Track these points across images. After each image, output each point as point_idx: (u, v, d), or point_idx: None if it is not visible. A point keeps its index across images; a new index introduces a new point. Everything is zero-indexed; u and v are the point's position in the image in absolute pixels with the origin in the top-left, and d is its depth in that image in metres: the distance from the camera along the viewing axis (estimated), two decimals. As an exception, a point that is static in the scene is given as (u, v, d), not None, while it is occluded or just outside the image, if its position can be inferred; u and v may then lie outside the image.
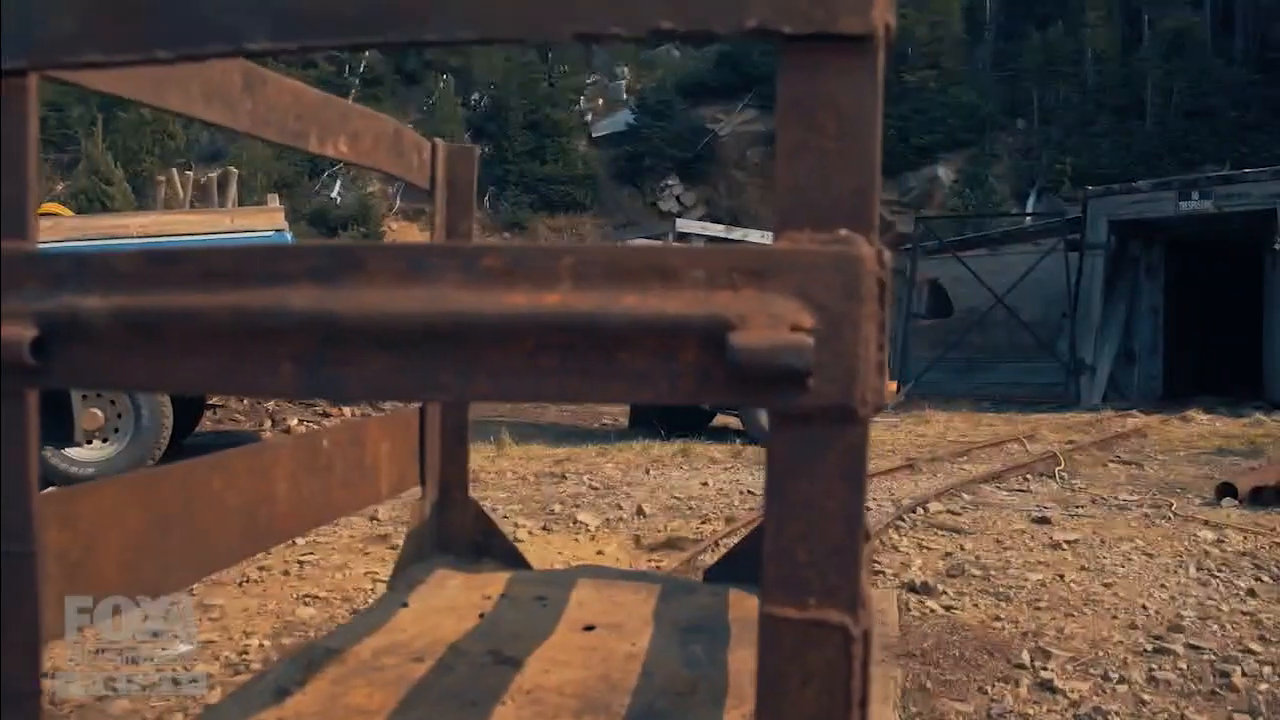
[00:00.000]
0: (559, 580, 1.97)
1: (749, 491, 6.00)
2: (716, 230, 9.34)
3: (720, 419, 9.75)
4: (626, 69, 32.44)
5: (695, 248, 0.78)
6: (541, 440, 8.87)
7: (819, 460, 0.75)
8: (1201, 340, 18.56)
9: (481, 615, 1.75)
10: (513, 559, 2.09)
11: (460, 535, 2.10)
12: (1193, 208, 13.66)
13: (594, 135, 31.60)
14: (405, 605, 1.82)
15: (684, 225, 8.79)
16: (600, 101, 32.13)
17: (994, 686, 2.77)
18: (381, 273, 0.80)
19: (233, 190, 7.59)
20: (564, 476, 6.76)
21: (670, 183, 27.78)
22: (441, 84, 29.84)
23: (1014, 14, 29.35)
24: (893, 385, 14.97)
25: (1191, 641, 3.17)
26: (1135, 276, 15.50)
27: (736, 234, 9.51)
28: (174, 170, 8.15)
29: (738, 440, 8.64)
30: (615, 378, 0.77)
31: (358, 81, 31.79)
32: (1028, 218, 19.45)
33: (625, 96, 30.51)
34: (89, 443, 6.88)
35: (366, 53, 31.91)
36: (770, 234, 0.81)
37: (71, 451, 6.66)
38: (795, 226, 0.76)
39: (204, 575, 1.40)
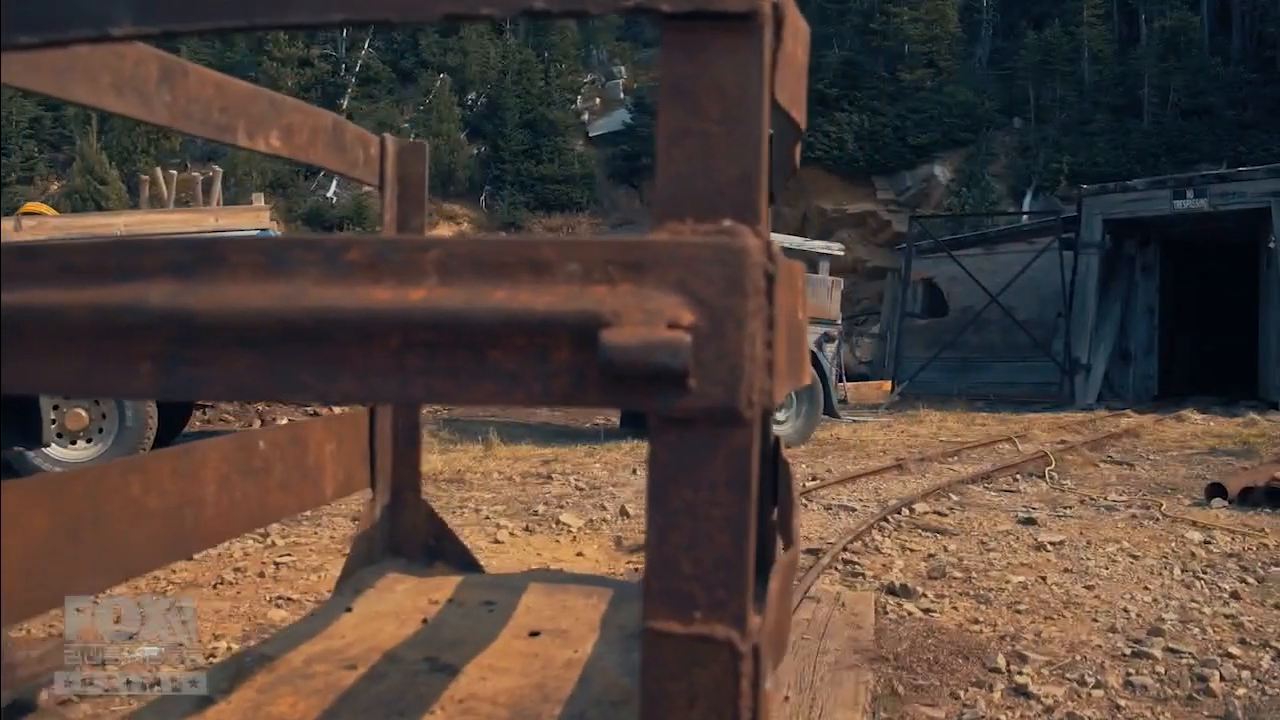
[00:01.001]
0: (510, 585, 1.92)
1: (734, 492, 5.95)
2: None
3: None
4: (623, 68, 32.39)
5: (568, 239, 0.73)
6: (530, 440, 8.82)
7: (702, 466, 0.71)
8: (1197, 339, 18.54)
9: (424, 621, 1.71)
10: (465, 563, 2.04)
11: (412, 538, 2.06)
12: (1187, 206, 13.61)
13: (590, 134, 31.56)
14: (349, 610, 1.78)
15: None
16: (597, 101, 32.09)
17: (967, 691, 2.72)
18: (242, 267, 0.75)
19: (217, 189, 7.55)
20: (550, 477, 6.71)
21: (667, 182, 27.68)
22: (438, 83, 29.79)
23: (1010, 13, 29.30)
24: (886, 385, 14.93)
25: (1171, 645, 3.12)
26: (1130, 275, 15.45)
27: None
28: (158, 169, 8.11)
29: (727, 440, 8.59)
30: (485, 378, 0.72)
31: (354, 81, 31.75)
32: (1024, 216, 19.39)
33: (622, 96, 30.45)
34: (73, 443, 6.84)
35: (362, 52, 31.86)
36: (776, 235, 0.77)
37: (55, 452, 6.61)
38: (677, 217, 0.71)
39: (119, 581, 1.35)
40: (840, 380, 9.50)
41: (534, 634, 1.68)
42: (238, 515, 1.57)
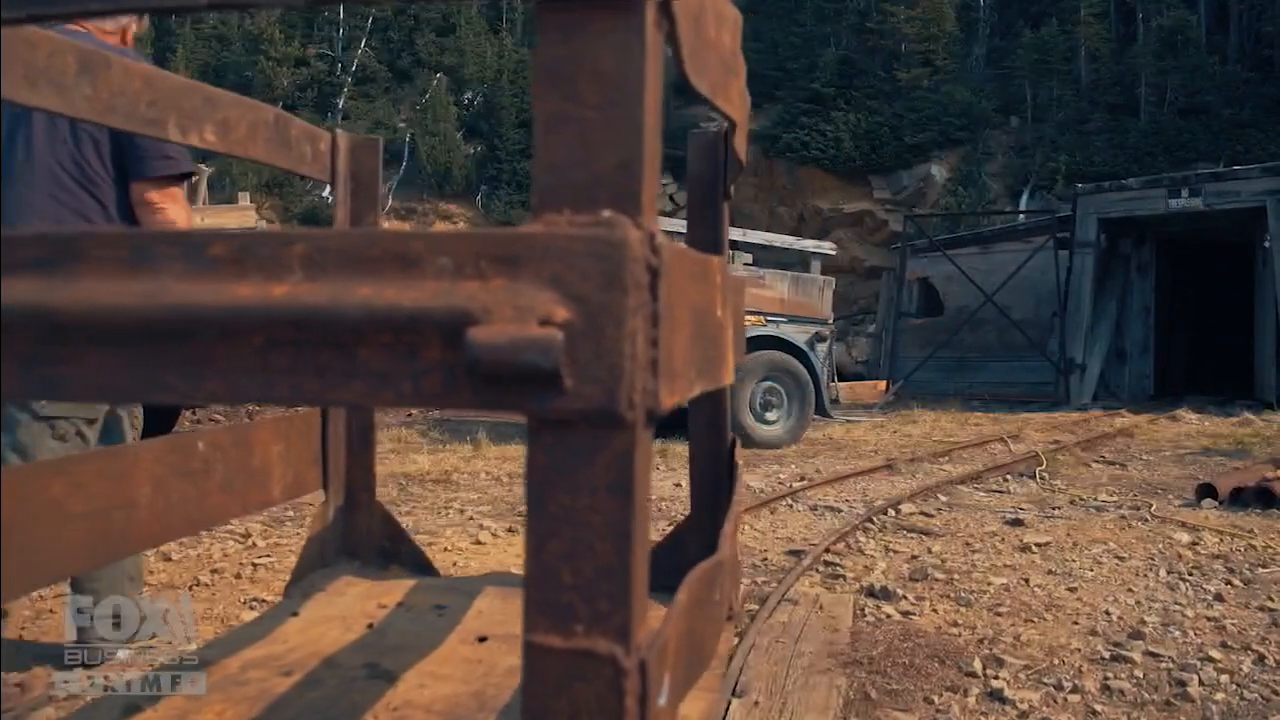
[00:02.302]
0: (464, 588, 1.89)
1: (721, 492, 5.92)
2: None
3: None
4: (620, 67, 32.32)
5: (440, 232, 0.69)
6: (521, 440, 8.77)
7: (582, 470, 0.67)
8: (1193, 339, 18.50)
9: (370, 625, 1.67)
10: (421, 566, 2.01)
11: (367, 541, 2.02)
12: (1182, 205, 13.57)
13: (588, 134, 31.47)
14: (295, 615, 1.74)
15: (667, 224, 8.69)
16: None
17: (941, 696, 2.68)
18: (104, 262, 0.71)
19: (203, 189, 7.50)
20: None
21: (664, 181, 27.70)
22: (434, 82, 29.75)
23: (1007, 11, 29.25)
24: (881, 385, 14.89)
25: (1151, 649, 3.08)
26: (1126, 275, 15.41)
27: (717, 232, 9.40)
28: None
29: (718, 440, 8.56)
30: (354, 377, 0.68)
31: (350, 80, 31.72)
32: (1021, 215, 19.35)
33: (619, 95, 30.39)
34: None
35: (359, 51, 31.83)
36: (766, 234, 0.73)
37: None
38: (554, 208, 0.67)
39: (42, 584, 1.32)
40: (832, 380, 9.45)
41: (482, 639, 1.64)
42: (174, 518, 1.53)
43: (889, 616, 3.39)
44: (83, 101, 1.27)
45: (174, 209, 2.55)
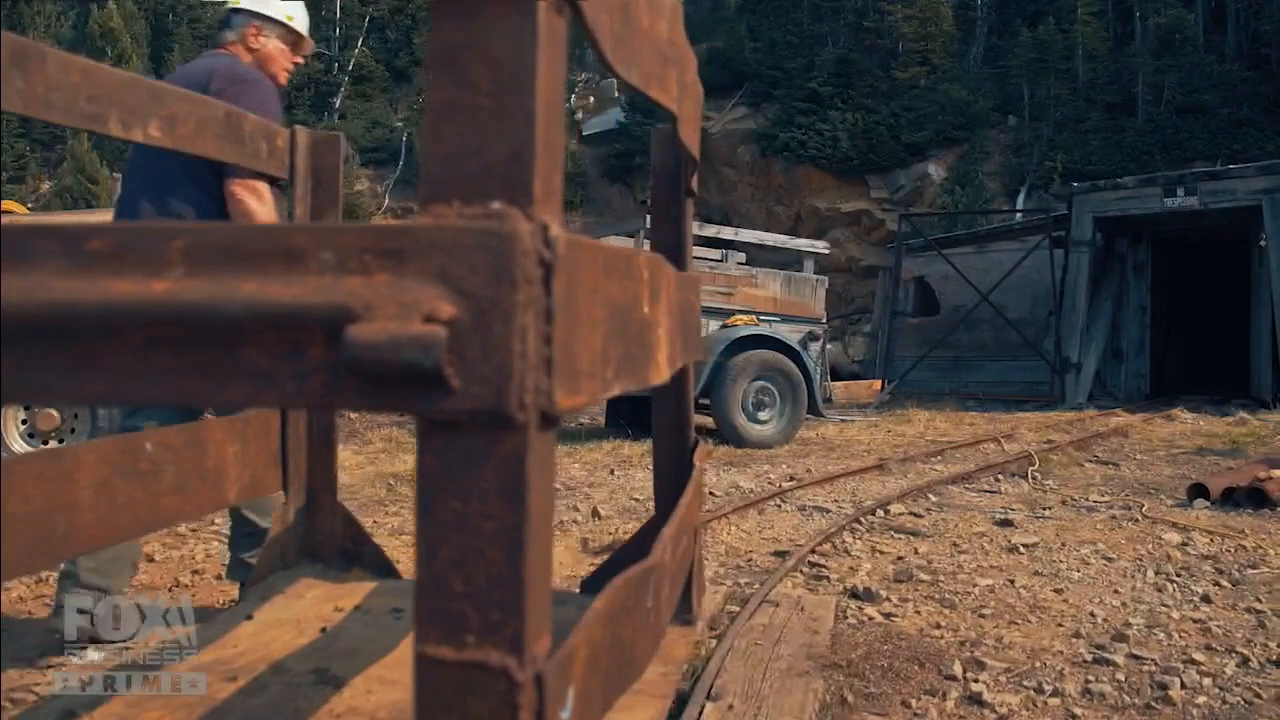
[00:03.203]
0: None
1: (710, 493, 5.88)
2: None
3: (697, 418, 9.63)
4: (618, 67, 32.26)
5: (325, 225, 0.66)
6: (512, 440, 8.74)
7: (471, 474, 0.64)
8: (1190, 338, 18.48)
9: (323, 629, 1.64)
10: (383, 568, 1.98)
11: (329, 543, 1.99)
12: (1178, 204, 13.53)
13: (584, 133, 31.48)
14: (249, 618, 1.71)
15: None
16: (591, 100, 32.00)
17: (919, 700, 2.65)
18: (-19, 256, 0.68)
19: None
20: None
21: (661, 181, 27.63)
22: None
23: (1005, 11, 29.21)
24: (877, 384, 14.86)
25: (1135, 651, 3.05)
26: (1122, 274, 15.38)
27: (709, 230, 9.38)
28: (131, 166, 8.03)
29: (710, 440, 8.53)
30: (237, 377, 0.65)
31: (347, 79, 31.68)
32: (1019, 214, 19.31)
33: (616, 94, 30.36)
34: (44, 444, 6.77)
35: (356, 50, 31.79)
36: (759, 232, 0.70)
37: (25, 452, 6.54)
38: (443, 199, 0.64)
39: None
40: (825, 379, 9.42)
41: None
42: (120, 520, 1.50)
43: (871, 618, 3.36)
44: (15, 95, 1.24)
45: (253, 201, 2.74)
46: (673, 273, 1.11)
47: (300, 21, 3.41)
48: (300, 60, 3.52)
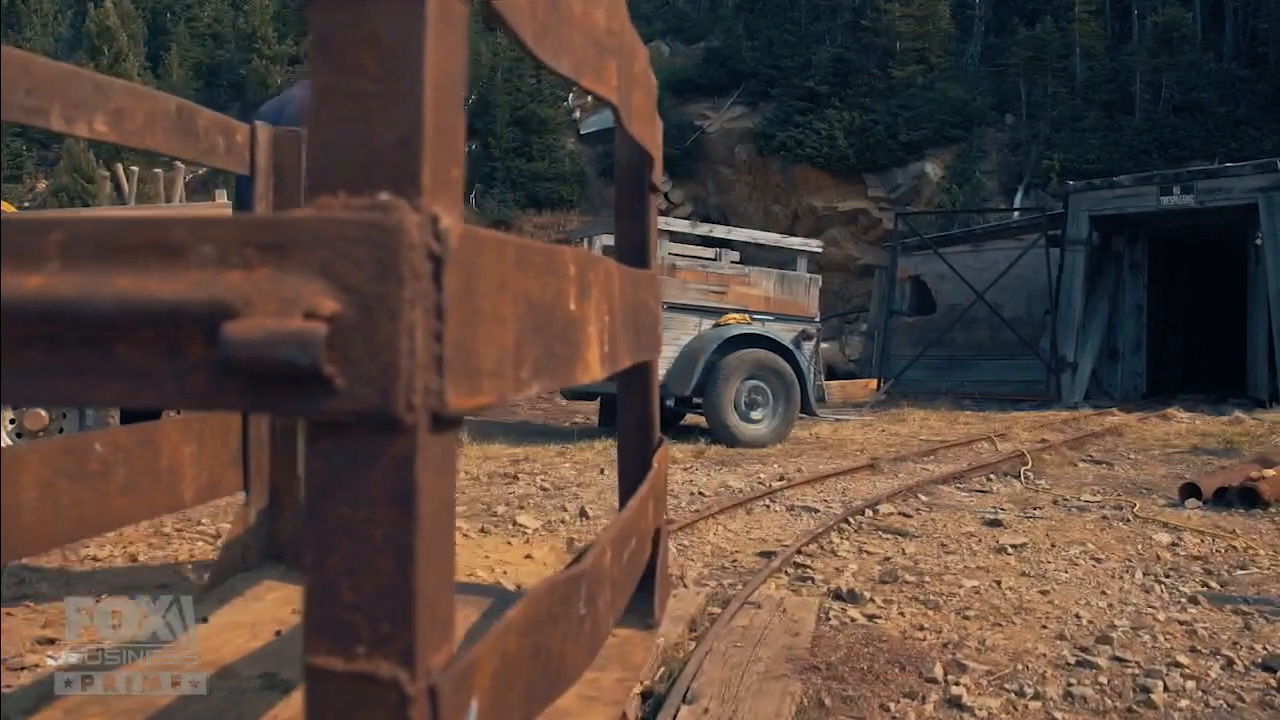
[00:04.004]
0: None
1: (699, 493, 5.86)
2: (680, 225, 9.18)
3: (690, 418, 9.61)
4: (615, 66, 32.21)
5: (204, 219, 0.63)
6: (504, 439, 8.72)
7: (359, 479, 0.61)
8: (1187, 337, 18.45)
9: (278, 633, 1.61)
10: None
11: (293, 544, 1.96)
12: (1174, 203, 13.50)
13: (582, 133, 31.42)
14: (204, 620, 1.68)
15: (663, 223, 8.62)
16: (588, 99, 31.96)
17: (898, 703, 2.62)
18: None
19: (179, 186, 7.45)
20: (516, 477, 6.60)
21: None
22: (429, 81, 29.63)
23: (1002, 9, 29.16)
24: (872, 383, 14.82)
25: (1119, 653, 3.02)
26: (1119, 273, 15.35)
27: (702, 229, 9.35)
28: (119, 165, 8.00)
29: (703, 440, 8.50)
30: (113, 376, 0.62)
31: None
32: (1015, 213, 19.27)
33: (614, 93, 30.25)
34: (33, 443, 6.74)
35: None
36: (753, 231, 0.66)
37: (13, 452, 6.51)
38: (329, 190, 0.61)
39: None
40: (819, 378, 9.39)
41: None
42: (65, 522, 1.47)
43: (853, 620, 3.33)
44: (-54, 87, 1.21)
45: None
46: (615, 269, 1.08)
47: None
48: None
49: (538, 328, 0.77)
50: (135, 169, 7.67)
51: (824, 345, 16.76)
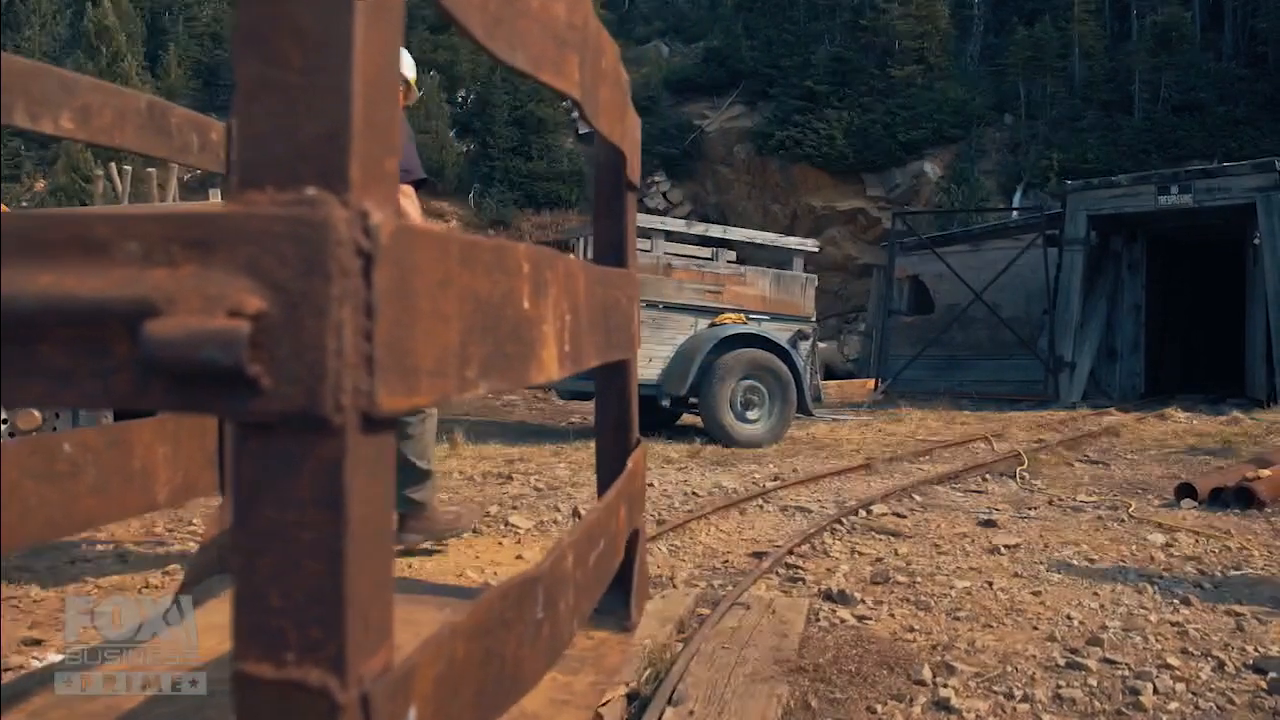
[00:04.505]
0: (362, 597, 1.81)
1: (693, 493, 5.84)
2: (677, 225, 9.16)
3: (687, 418, 9.60)
4: (614, 65, 32.23)
5: (131, 213, 0.61)
6: (500, 439, 8.70)
7: (288, 481, 0.59)
8: (1185, 336, 18.43)
9: (252, 638, 1.59)
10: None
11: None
12: (1172, 202, 13.48)
13: (580, 132, 31.43)
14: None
15: (641, 220, 8.60)
16: (588, 98, 31.92)
17: (885, 705, 2.60)
18: None
19: (172, 185, 7.43)
20: (511, 477, 6.59)
21: (657, 179, 27.60)
22: (427, 80, 29.63)
23: (1001, 9, 29.15)
24: (870, 383, 14.80)
25: (1109, 655, 3.00)
26: (1117, 272, 15.33)
27: (698, 228, 9.33)
28: (112, 165, 7.97)
29: (698, 439, 8.48)
30: (34, 376, 0.61)
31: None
32: (1015, 213, 19.25)
33: (613, 93, 30.26)
34: (26, 443, 6.72)
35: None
36: (748, 230, 0.64)
37: (6, 452, 6.50)
38: (256, 185, 0.59)
39: None
40: (815, 378, 9.37)
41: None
42: (32, 523, 1.45)
43: (843, 621, 3.31)
44: (-95, 83, 1.19)
45: (405, 203, 3.26)
46: (580, 267, 1.06)
47: (410, 72, 3.93)
48: (407, 105, 4.02)
49: (486, 326, 0.76)
50: (129, 168, 7.66)
51: (822, 345, 16.76)
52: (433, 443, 4.04)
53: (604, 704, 2.17)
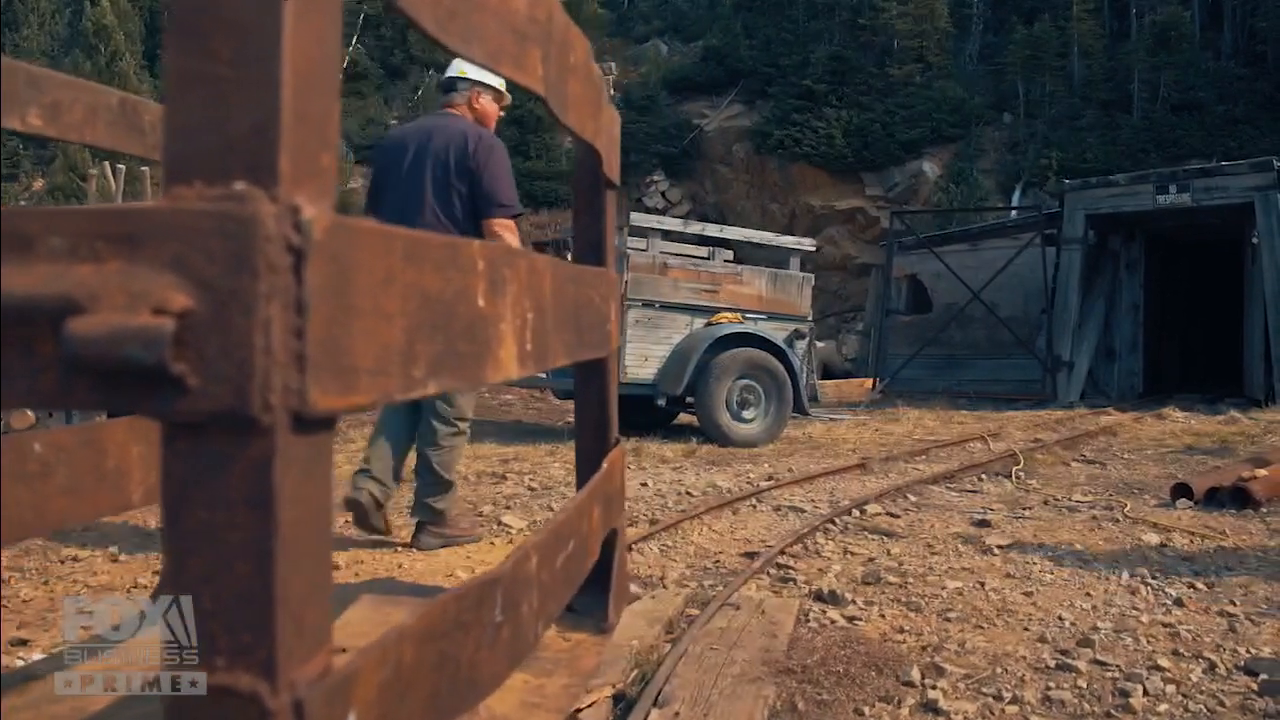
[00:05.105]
0: (340, 596, 1.79)
1: (687, 493, 5.83)
2: (673, 224, 9.14)
3: (684, 417, 9.58)
4: (613, 64, 32.25)
5: (58, 209, 0.60)
6: (495, 438, 8.69)
7: (217, 481, 0.58)
8: (1184, 336, 18.42)
9: (226, 640, 1.58)
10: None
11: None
12: (1170, 201, 13.46)
13: (581, 131, 31.37)
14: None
15: (638, 219, 8.60)
16: (586, 97, 31.94)
17: (873, 707, 2.58)
18: None
19: (167, 183, 7.40)
20: (505, 477, 6.58)
21: (656, 178, 27.57)
22: (427, 79, 29.64)
23: (1000, 7, 29.13)
24: (868, 382, 14.79)
25: (1100, 657, 2.98)
26: (1115, 272, 15.31)
27: (694, 227, 9.31)
28: (106, 164, 7.97)
29: (694, 439, 8.47)
30: (-41, 376, 0.59)
31: (342, 77, 31.60)
32: (1013, 212, 19.23)
33: (611, 92, 30.29)
34: (19, 443, 6.71)
35: (350, 48, 31.71)
36: (745, 230, 0.63)
37: (0, 452, 6.49)
38: (184, 180, 0.58)
39: None
40: (811, 377, 9.35)
41: (341, 651, 1.55)
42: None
43: (833, 622, 3.29)
44: None
45: (508, 235, 3.88)
46: (547, 265, 1.04)
47: (496, 80, 4.22)
48: (502, 113, 4.42)
49: (437, 324, 0.74)
50: (122, 166, 7.65)
51: (821, 345, 16.74)
52: (460, 456, 4.34)
53: (589, 705, 2.16)
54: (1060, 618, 3.40)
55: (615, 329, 1.45)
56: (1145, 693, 2.70)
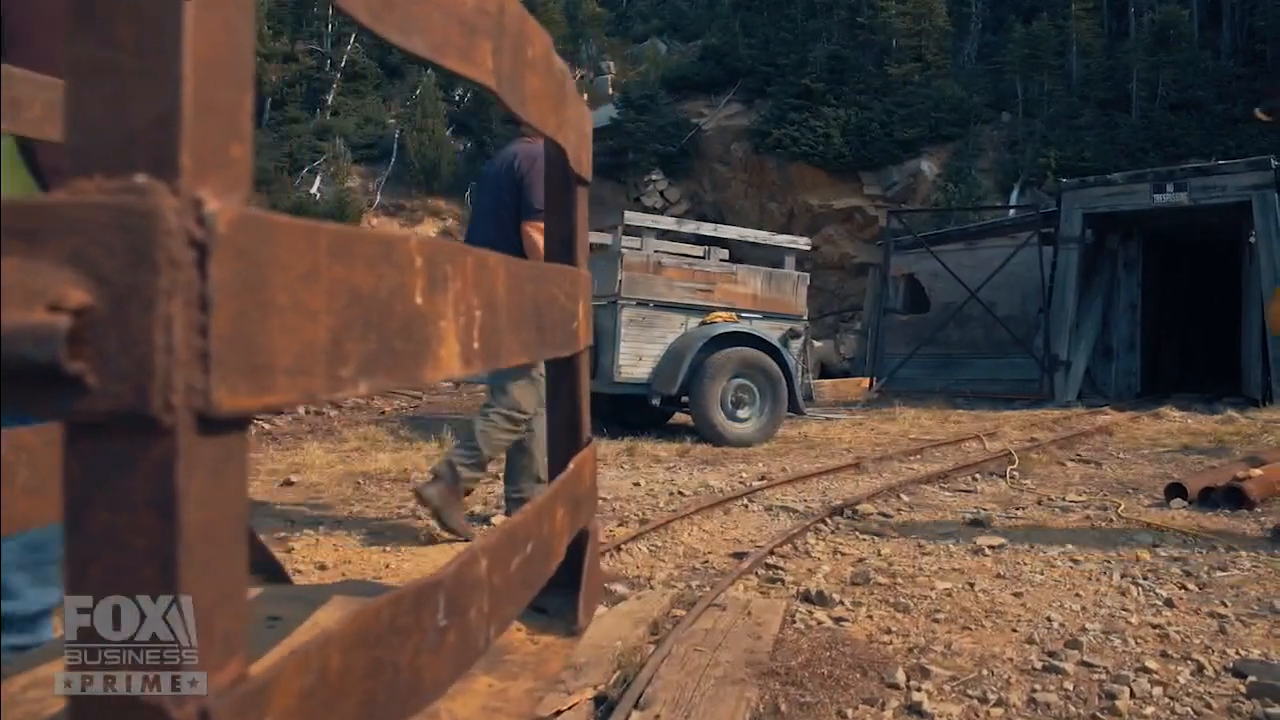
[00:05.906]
0: (309, 597, 1.77)
1: (679, 492, 5.81)
2: (668, 223, 9.12)
3: (679, 417, 9.57)
4: (612, 63, 32.21)
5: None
6: (490, 439, 8.65)
7: (118, 484, 0.56)
8: (1182, 335, 18.40)
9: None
10: (273, 572, 1.89)
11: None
12: (1168, 200, 13.44)
13: (579, 130, 31.33)
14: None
15: (632, 218, 8.57)
16: (585, 96, 31.91)
17: (856, 709, 2.56)
18: None
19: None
20: (499, 477, 6.55)
21: (654, 177, 27.52)
22: (424, 78, 29.61)
23: (999, 7, 29.10)
24: (865, 382, 14.77)
25: (1087, 658, 2.96)
26: (1113, 271, 15.29)
27: (689, 227, 9.29)
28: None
29: (689, 438, 8.45)
30: None
31: (340, 76, 31.59)
32: (1011, 211, 19.21)
33: (610, 91, 30.26)
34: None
35: (348, 47, 31.69)
36: (740, 229, 0.61)
37: None
38: (84, 172, 0.56)
39: None
40: (807, 377, 9.32)
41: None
42: (-40, 526, 1.42)
43: (820, 623, 3.27)
44: None
45: (536, 235, 4.05)
46: (500, 263, 1.02)
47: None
48: None
49: (369, 322, 0.72)
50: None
51: (819, 344, 16.72)
52: (505, 444, 4.55)
53: (569, 708, 2.14)
54: (1049, 619, 3.38)
55: (584, 327, 1.44)
56: (1132, 695, 2.68)
